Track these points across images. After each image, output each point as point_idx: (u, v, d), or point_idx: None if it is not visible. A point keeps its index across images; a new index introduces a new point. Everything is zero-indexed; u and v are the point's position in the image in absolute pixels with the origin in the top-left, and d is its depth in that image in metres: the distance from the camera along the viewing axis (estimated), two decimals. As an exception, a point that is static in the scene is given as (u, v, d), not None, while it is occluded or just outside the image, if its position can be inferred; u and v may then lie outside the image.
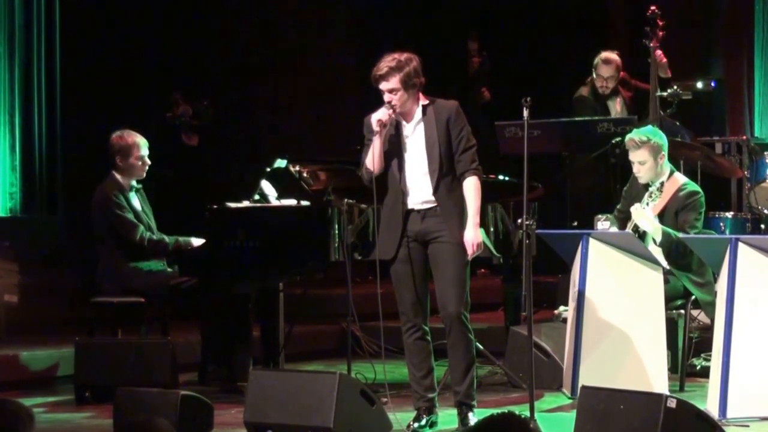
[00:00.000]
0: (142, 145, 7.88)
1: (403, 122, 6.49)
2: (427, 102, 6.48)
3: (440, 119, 6.43)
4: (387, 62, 6.42)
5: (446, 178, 6.43)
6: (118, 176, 7.88)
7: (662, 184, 7.32)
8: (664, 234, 7.25)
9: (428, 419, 6.50)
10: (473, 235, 6.41)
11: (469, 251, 6.41)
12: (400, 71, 6.38)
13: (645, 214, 7.26)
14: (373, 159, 6.42)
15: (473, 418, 6.50)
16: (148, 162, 7.91)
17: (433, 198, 6.43)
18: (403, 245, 6.46)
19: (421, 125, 6.46)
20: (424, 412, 6.50)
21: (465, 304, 6.46)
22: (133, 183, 7.91)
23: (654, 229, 7.28)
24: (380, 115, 6.41)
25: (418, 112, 6.47)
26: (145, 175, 7.94)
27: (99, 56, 10.40)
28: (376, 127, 6.39)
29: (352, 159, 7.20)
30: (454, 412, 6.58)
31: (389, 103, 6.40)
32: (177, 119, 8.04)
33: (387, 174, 6.48)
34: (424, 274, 6.51)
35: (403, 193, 6.45)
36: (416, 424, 6.46)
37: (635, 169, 7.48)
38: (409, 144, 6.47)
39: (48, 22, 10.05)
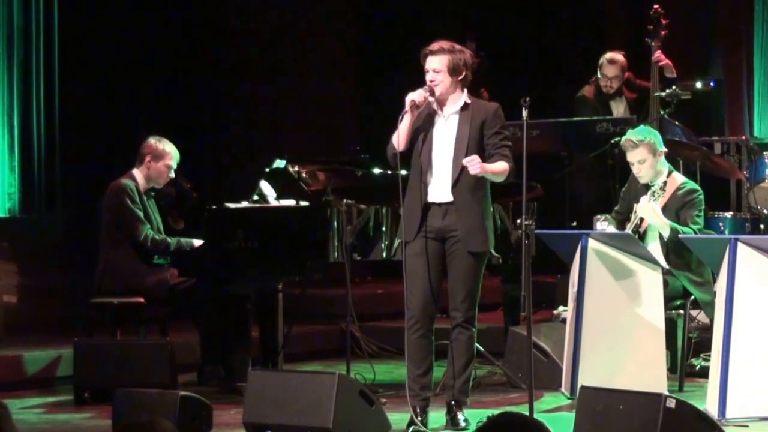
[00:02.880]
0: (174, 156, 7.95)
1: (439, 112, 6.50)
2: (470, 101, 6.51)
3: (476, 119, 6.47)
4: (441, 43, 6.51)
5: (470, 178, 6.42)
6: (138, 176, 7.91)
7: (665, 183, 7.32)
8: (672, 229, 7.26)
9: (421, 419, 6.48)
10: (479, 161, 6.33)
11: (467, 163, 6.32)
12: (451, 54, 6.46)
13: (653, 208, 7.26)
14: (398, 136, 6.44)
15: (462, 417, 6.50)
16: (173, 175, 7.96)
17: (451, 195, 6.44)
18: (421, 239, 6.46)
19: (456, 119, 6.48)
20: (420, 411, 6.49)
21: (473, 304, 6.49)
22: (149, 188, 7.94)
23: (662, 224, 7.28)
24: (415, 95, 6.44)
25: (457, 106, 6.49)
26: (163, 185, 7.97)
27: (97, 57, 10.40)
28: (407, 106, 6.41)
29: (352, 159, 7.19)
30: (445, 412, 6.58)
31: (431, 82, 6.42)
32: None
33: (416, 160, 6.49)
34: (437, 271, 6.49)
35: (425, 184, 6.46)
36: (411, 424, 6.44)
37: (636, 169, 7.48)
38: (440, 134, 6.48)
39: (47, 24, 10.03)
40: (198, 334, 8.06)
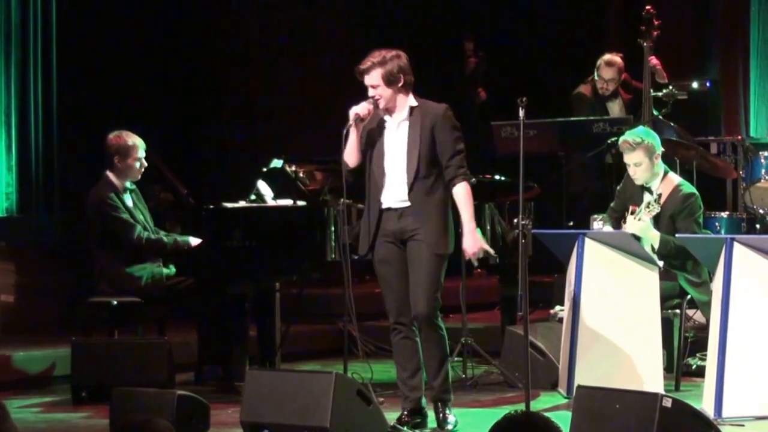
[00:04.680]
0: (140, 146, 7.86)
1: (388, 119, 6.48)
2: (416, 104, 6.46)
3: (425, 122, 6.41)
4: (371, 57, 6.42)
5: (424, 181, 6.39)
6: (113, 177, 7.86)
7: (660, 195, 7.30)
8: (662, 241, 7.27)
9: (413, 419, 6.49)
10: (471, 243, 6.43)
11: (471, 256, 6.44)
12: (383, 66, 6.37)
13: (640, 226, 7.27)
14: (347, 152, 6.43)
15: (450, 416, 6.51)
16: (145, 164, 7.90)
17: (407, 198, 6.43)
18: (384, 245, 6.45)
19: (406, 125, 6.44)
20: (409, 413, 6.50)
21: (435, 303, 6.42)
22: (127, 184, 7.90)
23: (652, 236, 7.30)
24: (359, 108, 6.41)
25: (405, 112, 6.45)
26: (140, 176, 7.93)
27: (95, 55, 10.40)
28: (351, 120, 6.39)
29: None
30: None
31: (372, 98, 6.40)
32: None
33: (368, 170, 6.47)
34: (406, 273, 6.49)
35: (380, 191, 6.45)
36: (399, 425, 6.45)
37: (631, 171, 7.49)
38: (391, 142, 6.45)
39: (44, 22, 10.03)
40: (196, 334, 8.07)
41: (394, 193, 6.44)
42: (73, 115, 10.27)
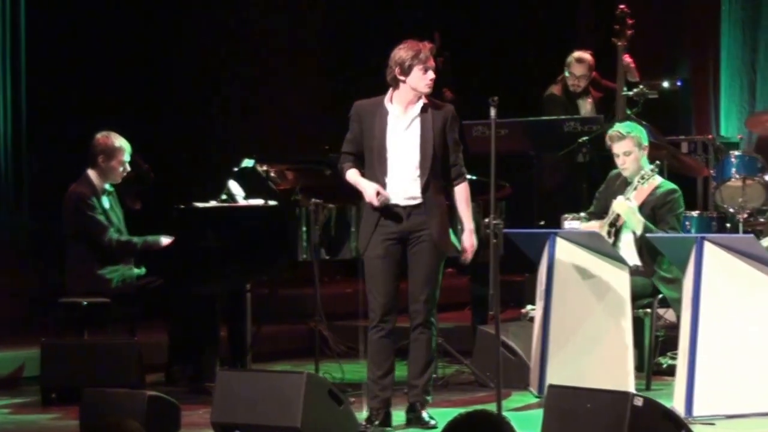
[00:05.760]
0: (126, 150, 7.83)
1: (399, 114, 6.47)
2: (426, 101, 6.49)
3: (437, 120, 6.46)
4: (428, 43, 6.50)
5: (435, 180, 6.45)
6: (93, 177, 7.81)
7: (658, 165, 7.41)
8: (645, 228, 7.30)
9: (382, 419, 6.50)
10: (475, 242, 6.58)
11: (469, 256, 6.57)
12: None
13: (629, 206, 7.31)
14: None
15: (426, 415, 6.54)
16: (128, 168, 7.87)
17: (420, 196, 6.45)
18: (383, 242, 6.45)
19: (418, 122, 6.46)
20: (376, 413, 6.51)
21: (435, 302, 6.52)
22: (106, 186, 7.86)
23: (636, 221, 7.32)
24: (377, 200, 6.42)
25: (417, 108, 6.47)
26: (120, 180, 7.89)
27: (65, 52, 10.34)
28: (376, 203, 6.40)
29: (320, 159, 7.18)
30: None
31: (432, 81, 6.43)
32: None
33: (371, 165, 6.47)
34: (398, 273, 6.51)
35: (386, 187, 6.44)
36: (368, 425, 6.46)
37: (620, 161, 7.52)
38: (403, 139, 6.46)
39: (13, 20, 9.97)
40: (166, 334, 8.03)
41: (406, 190, 6.46)
42: (43, 114, 10.21)
